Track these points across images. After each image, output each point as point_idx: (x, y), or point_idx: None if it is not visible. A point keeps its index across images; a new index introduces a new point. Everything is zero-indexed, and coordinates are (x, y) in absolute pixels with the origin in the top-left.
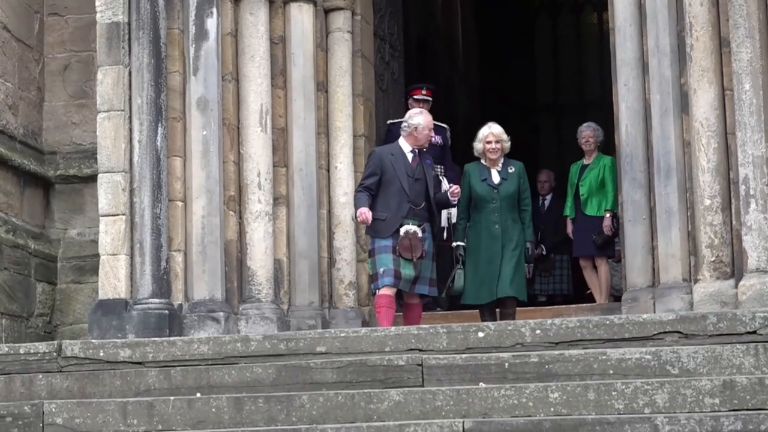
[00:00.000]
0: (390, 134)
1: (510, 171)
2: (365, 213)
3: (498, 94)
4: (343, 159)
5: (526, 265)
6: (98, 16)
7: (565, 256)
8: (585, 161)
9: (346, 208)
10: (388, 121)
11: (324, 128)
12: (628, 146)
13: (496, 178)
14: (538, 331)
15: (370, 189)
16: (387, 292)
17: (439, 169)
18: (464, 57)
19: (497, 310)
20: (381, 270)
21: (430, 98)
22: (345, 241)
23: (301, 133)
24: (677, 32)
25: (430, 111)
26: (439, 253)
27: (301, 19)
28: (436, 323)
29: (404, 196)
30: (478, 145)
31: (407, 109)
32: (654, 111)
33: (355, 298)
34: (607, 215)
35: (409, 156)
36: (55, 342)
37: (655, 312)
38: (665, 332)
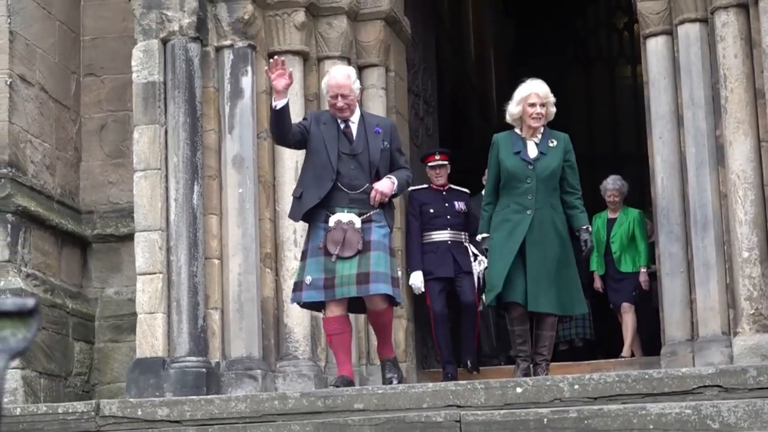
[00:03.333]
0: (412, 201)
1: (551, 145)
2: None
3: None
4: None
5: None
6: (134, 75)
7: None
8: (610, 215)
9: None
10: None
11: None
12: (665, 199)
13: (532, 152)
14: (576, 386)
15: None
16: (332, 312)
17: (463, 236)
18: (498, 111)
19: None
20: (308, 279)
21: (446, 162)
22: None
23: None
24: (711, 84)
25: (451, 175)
26: (467, 315)
27: None
28: (474, 379)
29: (329, 175)
30: (513, 109)
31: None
32: (690, 163)
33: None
34: (643, 270)
35: (341, 125)
36: (93, 401)
37: (694, 366)
38: (705, 386)
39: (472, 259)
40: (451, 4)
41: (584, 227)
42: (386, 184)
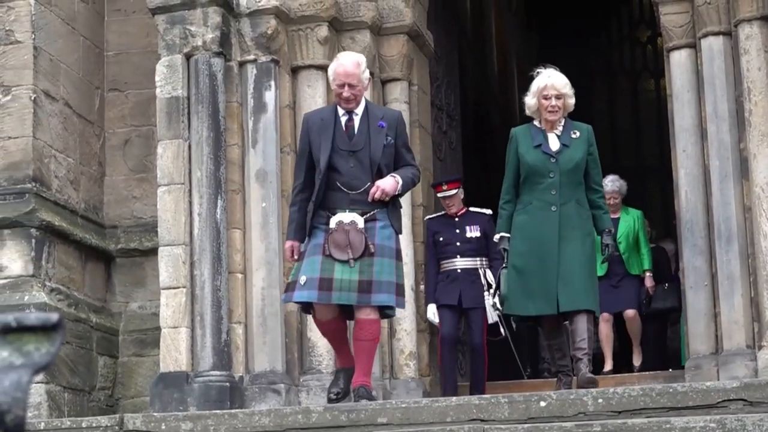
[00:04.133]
0: (427, 230)
1: (573, 136)
2: (287, 253)
3: None
4: (402, 229)
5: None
6: (158, 90)
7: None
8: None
9: (406, 278)
10: (426, 217)
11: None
12: (688, 212)
13: (554, 144)
14: (600, 400)
15: (301, 190)
16: (321, 316)
17: (479, 262)
18: (521, 119)
19: (565, 322)
20: (303, 278)
21: (455, 190)
22: (405, 311)
23: None
24: (735, 97)
25: (466, 198)
26: (475, 357)
27: None
28: (498, 392)
29: (333, 178)
30: (530, 101)
31: (464, 177)
32: (713, 176)
33: (416, 369)
34: (648, 275)
35: (343, 120)
36: (117, 415)
37: (719, 379)
38: (729, 400)
39: (485, 289)
40: (474, 18)
41: (606, 230)
42: (389, 182)
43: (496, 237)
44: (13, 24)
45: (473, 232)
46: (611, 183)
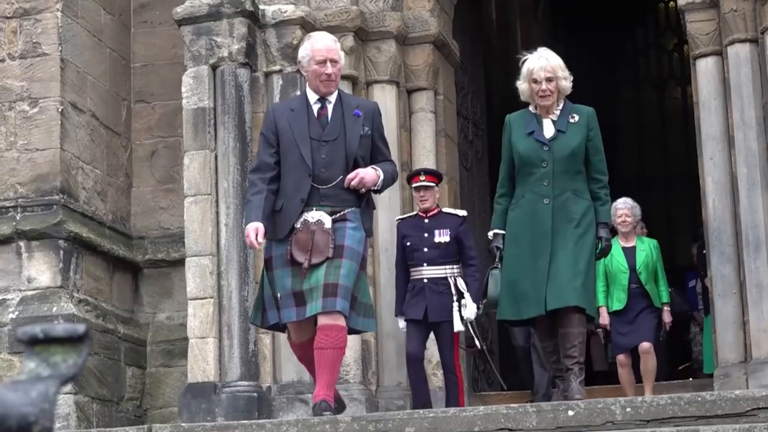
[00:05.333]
0: (397, 232)
1: (572, 121)
2: (251, 235)
3: None
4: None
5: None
6: (184, 102)
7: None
8: (623, 242)
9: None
10: (396, 218)
11: (409, 208)
12: (716, 220)
13: (548, 131)
14: (628, 409)
15: (267, 176)
16: (299, 337)
17: (448, 271)
18: None
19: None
20: (279, 295)
21: (433, 184)
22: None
23: (387, 213)
24: (762, 104)
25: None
26: (447, 378)
27: (384, 100)
28: (524, 401)
29: (305, 170)
30: (522, 86)
31: (492, 188)
32: (741, 184)
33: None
34: (666, 309)
35: (315, 108)
36: (145, 426)
37: (748, 388)
38: (759, 408)
39: (454, 301)
40: (499, 26)
41: (603, 222)
42: (370, 173)
43: (490, 234)
44: (40, 36)
45: (442, 237)
46: (623, 205)
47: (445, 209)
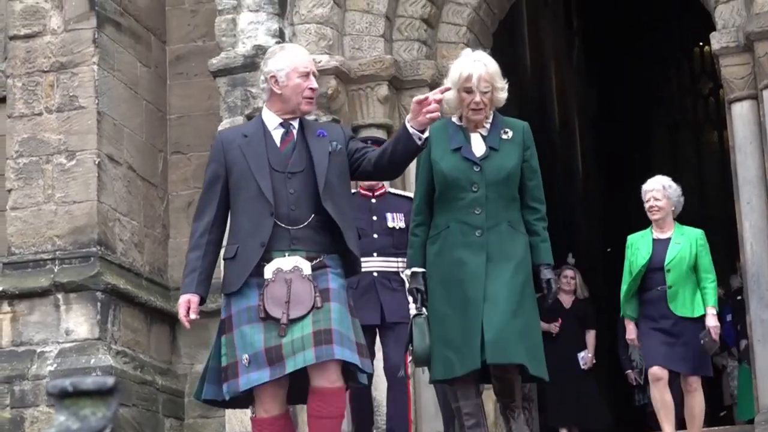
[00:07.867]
0: None
1: (504, 137)
2: (181, 311)
3: (619, 212)
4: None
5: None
6: None
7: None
8: (656, 233)
9: None
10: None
11: None
12: (754, 265)
13: (478, 148)
14: None
15: (205, 221)
16: (268, 408)
17: (398, 264)
18: (583, 173)
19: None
20: (244, 357)
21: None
22: None
23: None
24: None
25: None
26: (394, 388)
27: None
28: None
29: (264, 207)
30: (448, 95)
31: None
32: None
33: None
34: (711, 312)
35: (277, 134)
36: None
37: None
38: None
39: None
40: (533, 71)
41: (545, 263)
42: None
43: (407, 272)
44: (77, 90)
45: (396, 222)
46: (652, 184)
47: (392, 190)
